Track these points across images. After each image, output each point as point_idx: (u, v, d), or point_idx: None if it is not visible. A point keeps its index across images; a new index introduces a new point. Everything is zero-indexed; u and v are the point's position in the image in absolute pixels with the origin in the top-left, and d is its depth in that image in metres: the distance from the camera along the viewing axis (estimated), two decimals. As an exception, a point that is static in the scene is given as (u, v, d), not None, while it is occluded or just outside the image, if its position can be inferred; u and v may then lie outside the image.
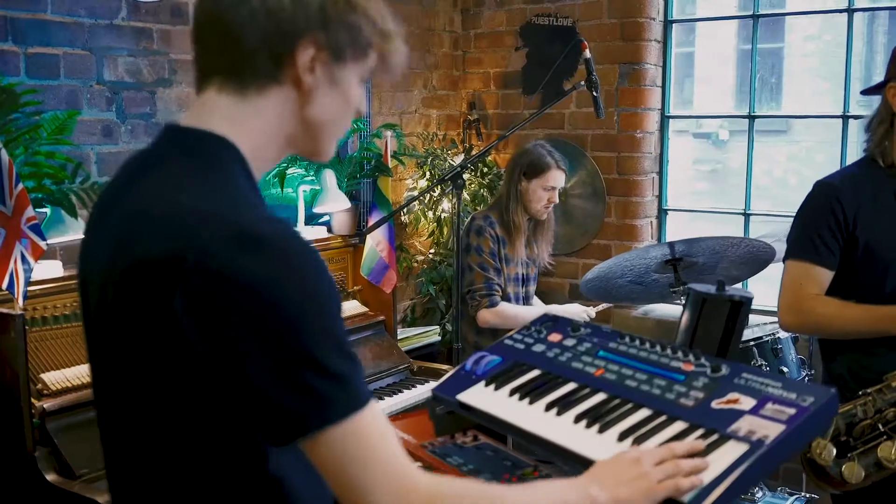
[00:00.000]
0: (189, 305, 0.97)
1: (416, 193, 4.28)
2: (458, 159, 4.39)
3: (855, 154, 3.84)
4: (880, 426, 2.00)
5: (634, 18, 4.14)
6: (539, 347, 1.70)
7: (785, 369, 2.86)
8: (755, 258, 2.82)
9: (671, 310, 4.09)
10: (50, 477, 2.25)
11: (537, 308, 3.53)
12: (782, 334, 3.04)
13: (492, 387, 1.61)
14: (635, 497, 1.19)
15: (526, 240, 3.50)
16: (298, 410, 0.98)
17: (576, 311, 3.55)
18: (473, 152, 4.49)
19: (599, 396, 1.49)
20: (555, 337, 1.72)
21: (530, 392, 1.55)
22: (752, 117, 4.12)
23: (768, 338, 2.92)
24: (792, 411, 1.31)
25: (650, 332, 3.97)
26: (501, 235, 3.41)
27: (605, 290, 2.94)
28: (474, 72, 4.67)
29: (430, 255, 4.42)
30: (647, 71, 4.17)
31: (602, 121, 4.13)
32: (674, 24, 4.27)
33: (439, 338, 4.18)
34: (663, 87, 4.28)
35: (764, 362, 2.83)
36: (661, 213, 4.36)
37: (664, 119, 4.29)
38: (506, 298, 3.43)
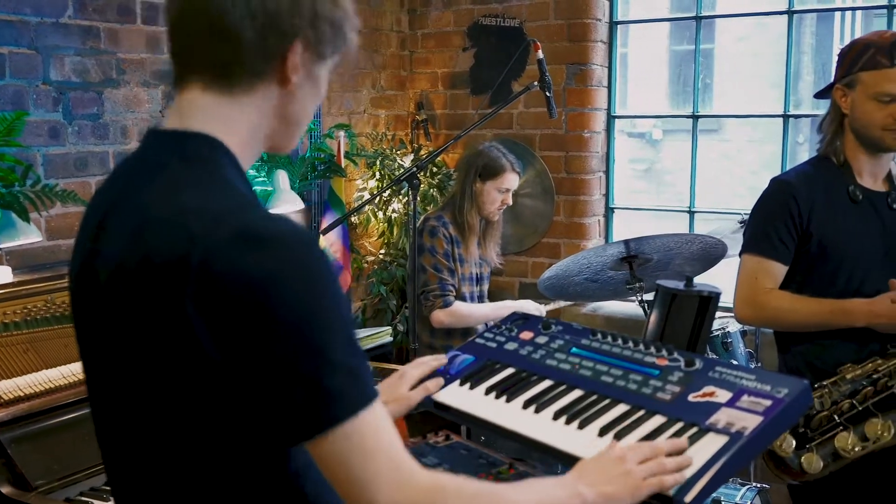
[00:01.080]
0: (198, 306, 0.97)
1: (366, 194, 4.27)
2: (408, 159, 4.39)
3: (790, 151, 3.95)
4: (836, 417, 2.07)
5: (581, 19, 4.19)
6: (511, 346, 1.71)
7: (735, 362, 2.92)
8: (707, 255, 2.88)
9: (620, 306, 4.16)
10: (5, 489, 2.18)
11: (490, 305, 3.56)
12: (731, 328, 3.11)
13: (467, 386, 1.62)
14: (621, 494, 1.21)
15: (478, 240, 3.52)
16: (310, 408, 0.98)
17: (528, 307, 3.58)
18: (422, 153, 4.49)
19: (576, 393, 1.51)
20: (526, 335, 1.74)
21: (506, 390, 1.56)
22: (695, 117, 4.21)
23: (718, 332, 2.99)
24: (768, 403, 1.34)
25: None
26: (455, 236, 3.42)
27: (562, 287, 2.97)
28: (422, 72, 4.67)
29: (381, 256, 4.41)
30: (594, 71, 4.22)
31: (550, 120, 4.18)
32: (618, 26, 4.34)
33: (391, 339, 4.17)
34: (609, 87, 4.34)
35: (715, 356, 2.90)
36: (608, 212, 4.43)
37: (610, 119, 4.36)
38: (461, 298, 3.45)
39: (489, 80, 4.44)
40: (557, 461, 1.39)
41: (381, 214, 4.31)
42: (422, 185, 4.33)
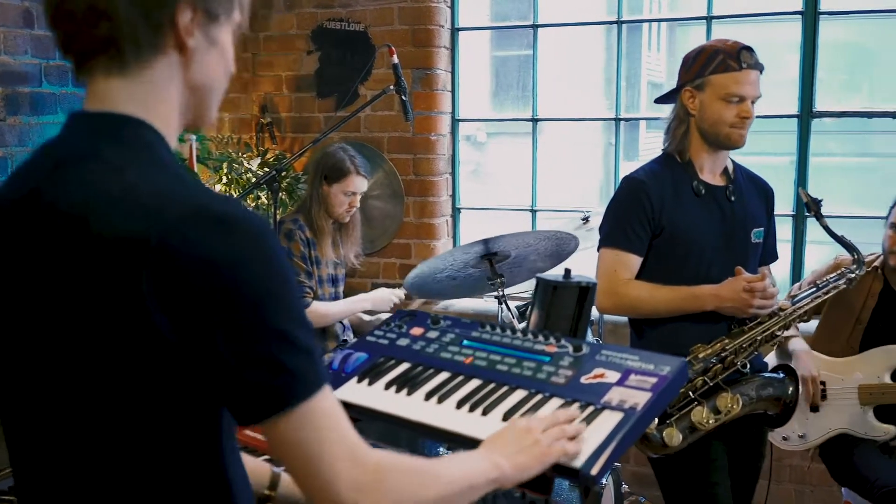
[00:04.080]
0: (157, 287, 0.96)
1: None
2: (255, 163, 4.34)
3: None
4: (691, 394, 2.26)
5: (424, 26, 4.29)
6: (403, 341, 1.76)
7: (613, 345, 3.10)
8: (560, 251, 3.05)
9: (471, 303, 4.30)
10: None
11: (346, 301, 3.59)
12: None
13: (365, 382, 1.65)
14: (531, 462, 1.30)
15: (333, 241, 3.55)
16: (275, 386, 1.00)
17: (383, 295, 3.65)
18: (268, 156, 4.46)
19: (475, 382, 1.58)
20: (417, 331, 1.79)
21: (406, 384, 1.61)
22: (534, 120, 4.42)
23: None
24: (654, 380, 1.47)
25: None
26: (311, 238, 3.44)
27: (426, 286, 3.05)
28: (265, 74, 4.63)
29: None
30: (439, 76, 4.34)
31: (398, 124, 4.27)
32: (460, 32, 4.47)
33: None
34: (452, 91, 4.47)
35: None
36: (455, 212, 4.56)
37: (454, 122, 4.50)
38: (319, 300, 3.47)
39: (335, 84, 4.47)
40: (466, 448, 1.45)
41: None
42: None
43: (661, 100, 2.57)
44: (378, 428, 1.80)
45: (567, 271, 1.83)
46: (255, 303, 0.98)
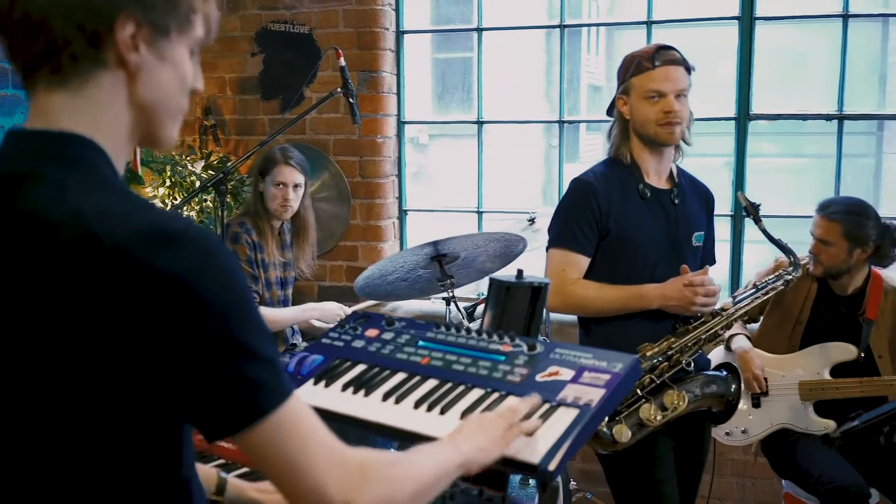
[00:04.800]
0: (110, 307, 0.94)
1: (157, 202, 4.14)
2: (199, 166, 4.30)
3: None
4: (638, 391, 2.32)
5: (370, 28, 4.30)
6: (359, 343, 1.77)
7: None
8: (508, 252, 3.09)
9: (419, 305, 4.32)
10: None
11: (294, 308, 3.58)
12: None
13: (321, 384, 1.66)
14: (491, 444, 1.31)
15: (280, 242, 3.54)
16: (242, 401, 0.99)
17: (332, 308, 3.65)
18: (213, 158, 4.41)
19: (432, 382, 1.60)
20: (372, 332, 1.81)
21: (363, 385, 1.62)
22: (480, 122, 4.46)
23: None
24: (607, 377, 1.51)
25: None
26: (257, 241, 3.42)
27: (376, 288, 3.06)
28: (209, 76, 4.58)
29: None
30: (384, 78, 4.35)
31: (344, 126, 4.27)
32: (405, 35, 4.49)
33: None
34: (398, 94, 4.49)
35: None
36: (402, 214, 4.57)
37: (400, 124, 4.51)
38: (267, 303, 3.45)
39: (279, 86, 4.45)
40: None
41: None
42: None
43: (609, 111, 2.63)
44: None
45: (520, 272, 1.86)
46: (215, 319, 0.97)
